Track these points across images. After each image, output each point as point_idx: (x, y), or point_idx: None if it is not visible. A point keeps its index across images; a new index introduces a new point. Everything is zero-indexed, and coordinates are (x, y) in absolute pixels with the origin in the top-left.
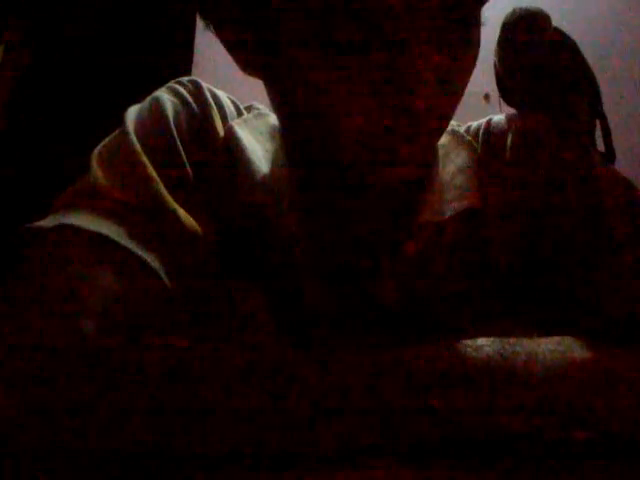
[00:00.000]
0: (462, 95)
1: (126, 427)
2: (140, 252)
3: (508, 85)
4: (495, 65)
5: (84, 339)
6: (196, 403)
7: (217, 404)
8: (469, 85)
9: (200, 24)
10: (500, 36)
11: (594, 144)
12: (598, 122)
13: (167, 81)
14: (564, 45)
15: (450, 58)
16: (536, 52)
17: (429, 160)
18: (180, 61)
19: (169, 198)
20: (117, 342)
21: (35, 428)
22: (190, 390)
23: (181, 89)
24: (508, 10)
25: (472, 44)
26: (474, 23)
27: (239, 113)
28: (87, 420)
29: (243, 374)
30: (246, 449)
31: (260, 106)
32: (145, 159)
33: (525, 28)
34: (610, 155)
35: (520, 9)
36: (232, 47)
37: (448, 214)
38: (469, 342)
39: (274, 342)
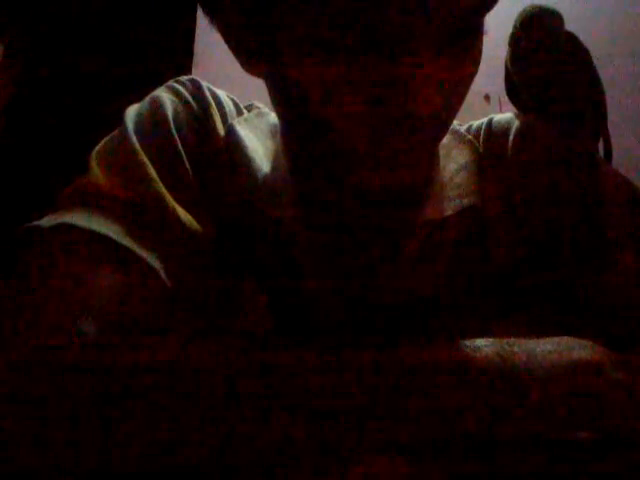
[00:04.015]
0: (463, 101)
1: (125, 427)
2: (139, 251)
3: (516, 83)
4: (505, 63)
5: (83, 338)
6: (196, 402)
7: (217, 404)
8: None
9: (200, 24)
10: (512, 33)
11: (596, 150)
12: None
13: (167, 81)
14: (577, 52)
15: (450, 65)
16: (547, 51)
17: (428, 164)
18: (180, 61)
19: (169, 197)
20: (116, 341)
21: (33, 428)
22: (190, 389)
23: (181, 88)
24: (509, 11)
25: (473, 52)
26: (476, 31)
27: (239, 112)
28: (87, 420)
29: (244, 373)
30: (246, 448)
31: (260, 105)
32: (145, 158)
33: (537, 26)
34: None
35: (532, 7)
36: (234, 45)
37: (449, 212)
38: (468, 342)
39: (274, 341)
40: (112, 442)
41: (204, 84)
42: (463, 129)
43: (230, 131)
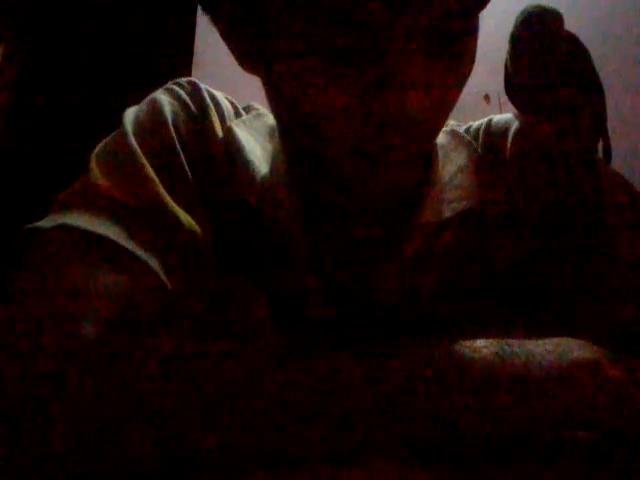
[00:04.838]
0: (455, 102)
1: (127, 428)
2: (139, 252)
3: (516, 84)
4: (505, 63)
5: (84, 340)
6: (196, 404)
7: (217, 404)
8: (469, 85)
9: (200, 24)
10: (512, 33)
11: (596, 151)
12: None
13: (167, 81)
14: (577, 52)
15: (442, 67)
16: (547, 51)
17: (421, 164)
18: (180, 61)
19: (168, 198)
20: (117, 343)
21: (36, 429)
22: (190, 391)
23: (179, 90)
24: (509, 11)
25: (465, 53)
26: (468, 32)
27: (237, 114)
28: (88, 421)
29: (244, 374)
30: (246, 449)
31: (259, 106)
32: (144, 160)
33: (537, 26)
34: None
35: (532, 7)
36: (232, 43)
37: (447, 214)
38: (468, 343)
39: (274, 341)
40: (113, 444)
41: (202, 86)
42: (462, 130)
43: (228, 133)
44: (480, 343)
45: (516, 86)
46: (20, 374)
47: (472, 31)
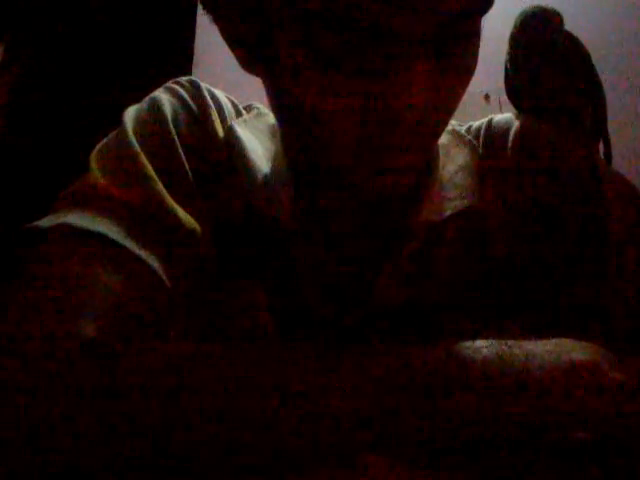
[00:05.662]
0: (458, 104)
1: (125, 428)
2: (139, 251)
3: (516, 84)
4: (505, 63)
5: (83, 339)
6: (196, 403)
7: (217, 404)
8: (469, 85)
9: (200, 24)
10: (512, 33)
11: (596, 151)
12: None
13: (167, 81)
14: (576, 52)
15: (445, 69)
16: (546, 51)
17: (421, 167)
18: (180, 61)
19: (168, 198)
20: (116, 342)
21: (34, 429)
22: (190, 390)
23: (180, 89)
24: (509, 11)
25: (469, 56)
26: (471, 35)
27: (238, 113)
28: (87, 421)
29: (243, 374)
30: (245, 449)
31: (260, 106)
32: (144, 159)
33: (537, 26)
34: None
35: (532, 7)
36: (232, 42)
37: (448, 213)
38: (467, 343)
39: (274, 342)
40: (112, 444)
41: (203, 85)
42: (463, 129)
43: (229, 132)
44: (480, 343)
45: (516, 86)
46: (18, 372)
47: (475, 34)
